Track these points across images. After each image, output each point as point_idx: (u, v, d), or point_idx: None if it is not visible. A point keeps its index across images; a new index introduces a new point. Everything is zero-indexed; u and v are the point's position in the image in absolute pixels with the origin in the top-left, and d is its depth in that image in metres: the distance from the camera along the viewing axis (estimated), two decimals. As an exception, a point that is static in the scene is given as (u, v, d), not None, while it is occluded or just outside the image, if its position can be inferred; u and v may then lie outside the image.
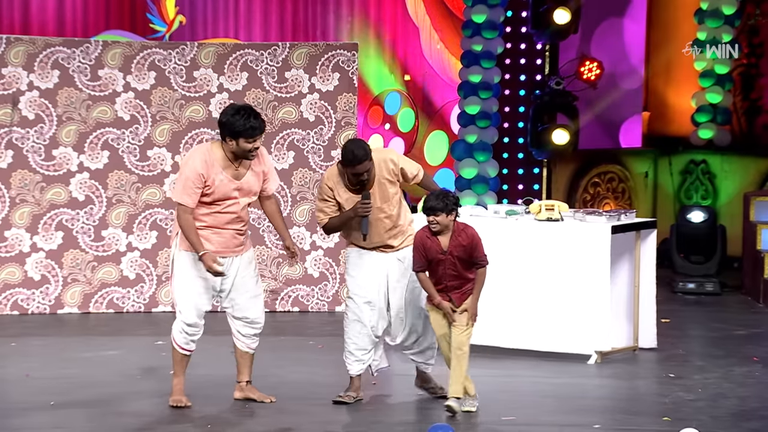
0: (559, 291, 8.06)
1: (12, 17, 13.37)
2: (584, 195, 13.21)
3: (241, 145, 6.50)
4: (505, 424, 6.44)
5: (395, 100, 13.74)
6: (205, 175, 6.50)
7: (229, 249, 6.65)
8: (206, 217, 6.58)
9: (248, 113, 6.50)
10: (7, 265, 9.73)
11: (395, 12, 13.90)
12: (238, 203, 6.61)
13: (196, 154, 6.57)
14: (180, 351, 6.69)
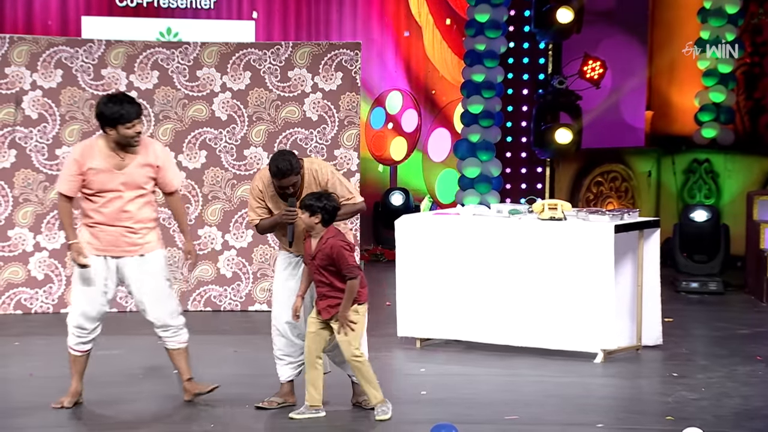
0: (562, 290, 8.05)
1: (15, 16, 13.38)
2: (587, 194, 13.20)
3: (121, 132, 6.47)
4: (509, 423, 6.44)
5: (397, 99, 13.74)
6: (81, 161, 6.46)
7: (118, 248, 6.55)
8: (94, 213, 6.54)
9: (121, 99, 6.50)
10: (11, 264, 9.73)
11: (398, 11, 13.90)
12: (122, 197, 6.51)
13: (78, 144, 6.68)
14: (72, 352, 6.64)
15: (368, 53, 13.17)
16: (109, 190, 6.49)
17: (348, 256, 6.31)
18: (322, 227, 6.34)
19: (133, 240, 6.56)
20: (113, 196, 6.50)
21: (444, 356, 8.29)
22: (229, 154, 10.01)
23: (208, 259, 10.02)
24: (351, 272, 6.32)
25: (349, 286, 6.33)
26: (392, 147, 13.73)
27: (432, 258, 8.41)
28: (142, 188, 6.57)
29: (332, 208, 6.33)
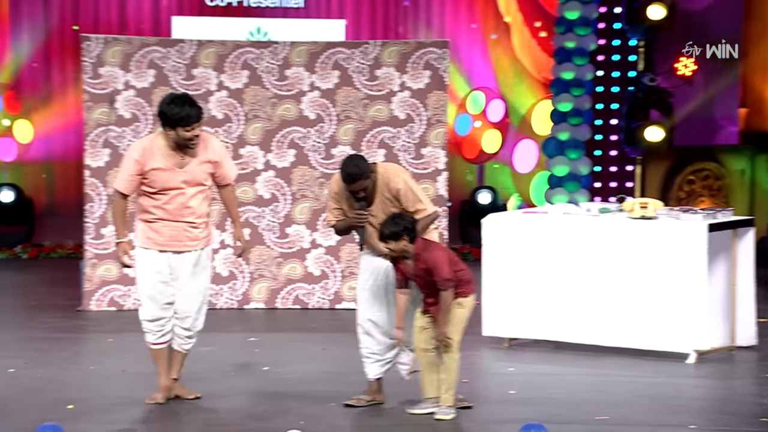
0: (654, 289, 7.95)
1: (109, 17, 13.62)
2: (679, 193, 13.00)
3: (180, 133, 6.49)
4: (599, 423, 6.37)
5: (480, 97, 13.65)
6: (142, 161, 6.50)
7: (181, 243, 6.61)
8: (156, 209, 6.58)
9: (183, 101, 6.50)
10: (104, 262, 9.90)
11: (486, 9, 13.84)
12: (185, 193, 6.56)
13: (138, 143, 6.69)
14: (153, 347, 6.69)
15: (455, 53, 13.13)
16: (172, 188, 6.55)
17: (441, 268, 6.30)
18: (412, 245, 6.33)
19: (195, 234, 6.65)
20: (176, 193, 6.56)
21: (532, 356, 8.23)
22: (317, 153, 10.06)
23: (296, 257, 10.08)
24: (443, 285, 6.32)
25: (443, 299, 6.33)
26: (484, 142, 13.63)
27: (520, 257, 8.36)
28: (202, 184, 6.64)
29: (410, 222, 6.33)
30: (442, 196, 10.01)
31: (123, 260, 6.57)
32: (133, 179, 6.55)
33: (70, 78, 13.57)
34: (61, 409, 6.49)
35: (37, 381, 7.26)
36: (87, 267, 9.89)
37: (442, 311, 6.33)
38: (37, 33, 13.62)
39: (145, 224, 6.63)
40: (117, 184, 6.63)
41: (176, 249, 6.62)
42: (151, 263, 6.61)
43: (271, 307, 10.05)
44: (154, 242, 6.61)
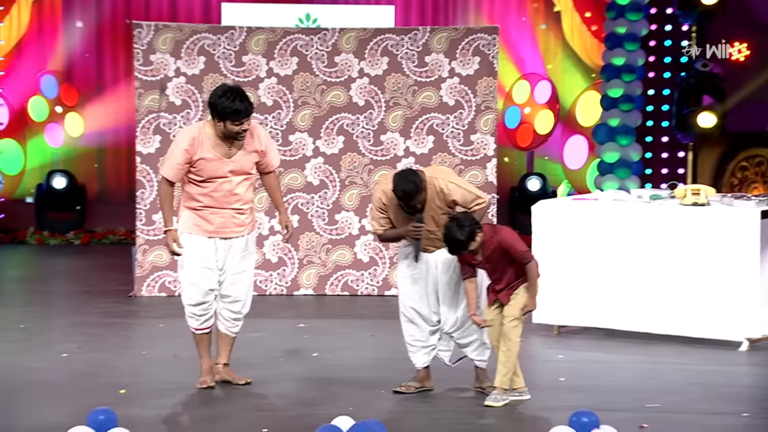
0: (706, 277, 7.88)
1: (160, 4, 13.70)
2: (731, 179, 12.86)
3: (228, 127, 6.51)
4: (650, 411, 6.33)
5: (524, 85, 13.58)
6: (191, 151, 6.52)
7: (228, 229, 6.65)
8: (203, 197, 6.60)
9: (235, 95, 6.48)
10: (155, 248, 9.97)
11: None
12: (231, 181, 6.59)
13: (186, 131, 6.66)
14: (196, 332, 6.74)
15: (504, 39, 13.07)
16: (219, 177, 6.58)
17: (516, 243, 6.34)
18: (481, 238, 6.35)
19: (241, 221, 6.69)
20: (222, 181, 6.59)
21: (582, 343, 8.20)
22: (366, 140, 10.06)
23: (345, 243, 10.10)
24: (524, 258, 6.35)
25: (529, 271, 6.37)
26: (537, 123, 13.55)
27: (569, 244, 8.32)
28: (248, 173, 6.68)
29: (471, 218, 6.34)
30: (491, 182, 9.98)
31: (172, 248, 6.61)
32: (182, 168, 6.58)
33: (122, 66, 13.68)
34: (113, 394, 6.55)
35: (89, 365, 7.33)
36: (138, 253, 9.97)
37: (530, 283, 6.37)
38: (89, 21, 13.73)
39: (191, 211, 6.67)
40: (164, 171, 6.67)
41: (223, 236, 6.65)
42: (197, 249, 6.64)
43: (320, 294, 10.08)
44: (202, 229, 6.64)
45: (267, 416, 6.24)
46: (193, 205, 6.65)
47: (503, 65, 13.04)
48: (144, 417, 6.12)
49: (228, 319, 6.81)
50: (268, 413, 6.31)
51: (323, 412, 6.19)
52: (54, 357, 7.59)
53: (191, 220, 6.67)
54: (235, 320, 6.83)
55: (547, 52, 13.71)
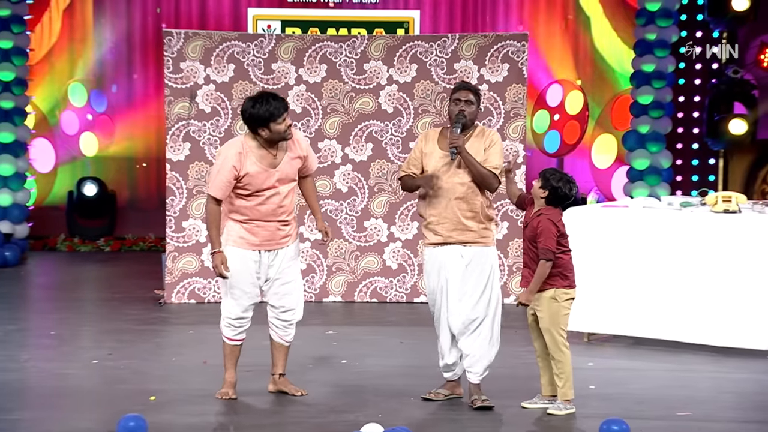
0: (737, 285, 7.82)
1: (190, 13, 13.77)
2: (763, 186, 12.79)
3: (274, 129, 6.46)
4: (681, 419, 6.29)
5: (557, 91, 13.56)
6: (238, 167, 6.45)
7: (274, 242, 6.60)
8: (249, 210, 6.53)
9: (265, 98, 6.47)
10: (185, 254, 10.01)
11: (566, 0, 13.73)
12: (279, 193, 6.53)
13: (230, 147, 6.53)
14: (229, 343, 6.68)
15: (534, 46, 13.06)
16: (267, 188, 6.53)
17: (549, 237, 6.28)
18: (544, 204, 6.35)
19: (286, 232, 6.65)
20: (271, 193, 6.53)
21: (612, 350, 8.16)
22: (395, 147, 10.07)
23: (374, 250, 10.10)
24: (545, 254, 6.29)
25: (540, 267, 6.30)
26: (565, 132, 13.53)
27: (599, 251, 8.28)
28: (293, 180, 6.64)
29: (563, 194, 6.34)
30: (520, 190, 9.94)
31: (220, 270, 6.51)
32: (230, 185, 6.50)
33: (152, 73, 13.76)
34: (144, 400, 6.57)
35: (119, 372, 7.36)
36: (168, 260, 10.01)
37: (535, 278, 6.30)
38: (120, 29, 13.82)
39: (237, 224, 6.58)
40: (212, 190, 6.53)
41: (268, 248, 6.61)
42: (242, 262, 6.57)
43: (349, 301, 10.09)
44: (247, 242, 6.58)
45: (296, 423, 6.25)
46: (239, 218, 6.58)
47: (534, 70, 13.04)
48: (174, 424, 6.14)
49: (280, 327, 6.78)
50: (297, 420, 6.31)
51: (352, 419, 6.19)
52: (84, 364, 7.63)
53: (236, 233, 6.59)
54: (287, 329, 6.79)
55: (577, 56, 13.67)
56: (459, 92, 6.56)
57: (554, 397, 6.45)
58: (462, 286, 6.48)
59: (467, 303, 6.47)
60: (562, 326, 6.38)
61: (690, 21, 12.84)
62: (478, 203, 6.48)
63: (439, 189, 6.48)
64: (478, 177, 6.44)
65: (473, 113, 6.52)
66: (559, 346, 6.35)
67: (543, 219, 6.33)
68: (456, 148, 6.42)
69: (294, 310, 6.76)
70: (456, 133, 6.45)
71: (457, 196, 6.45)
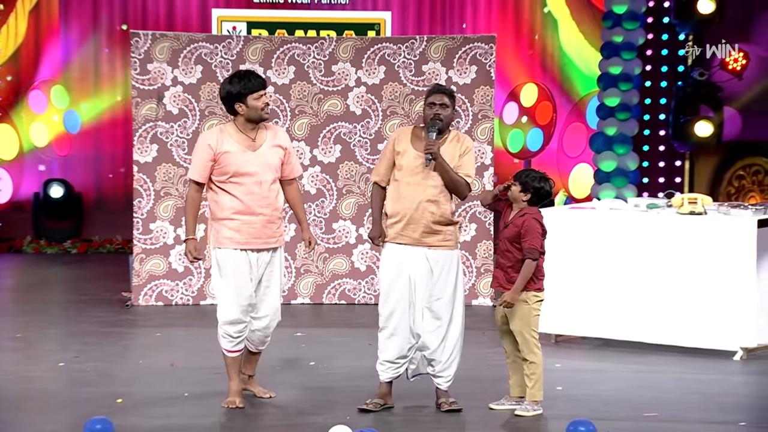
0: (703, 286, 7.88)
1: (157, 14, 13.72)
2: (728, 188, 12.88)
3: (251, 104, 6.43)
4: (648, 420, 6.33)
5: (532, 91, 13.62)
6: (214, 145, 6.42)
7: (261, 240, 6.50)
8: (231, 202, 6.45)
9: (243, 74, 6.48)
10: (153, 256, 9.97)
11: (533, 3, 13.78)
12: (260, 182, 6.46)
13: (208, 132, 6.60)
14: (229, 355, 6.58)
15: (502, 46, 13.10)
16: (246, 173, 6.45)
17: (535, 236, 6.30)
18: (526, 205, 6.38)
19: (273, 230, 6.57)
20: (252, 181, 6.46)
21: (579, 352, 8.20)
22: (363, 149, 10.07)
23: (342, 252, 10.10)
24: (531, 253, 6.30)
25: (526, 266, 6.31)
26: (528, 139, 13.60)
27: (567, 253, 8.31)
28: (276, 171, 6.55)
29: (545, 193, 6.37)
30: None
31: (194, 254, 6.47)
32: (207, 165, 6.44)
33: (119, 74, 13.69)
34: (110, 403, 6.54)
35: (86, 375, 7.32)
36: (135, 262, 9.96)
37: (520, 277, 6.30)
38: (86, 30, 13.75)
39: (220, 223, 6.50)
40: (191, 173, 6.52)
41: (256, 247, 6.51)
42: (233, 263, 6.48)
43: (318, 303, 10.08)
44: (234, 241, 6.48)
45: (264, 426, 6.24)
46: (223, 215, 6.48)
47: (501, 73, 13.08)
48: (141, 426, 6.12)
49: (257, 338, 6.66)
50: (265, 422, 6.30)
51: (320, 421, 6.19)
52: (50, 366, 7.58)
53: (221, 233, 6.50)
54: (265, 337, 6.69)
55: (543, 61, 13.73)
56: (434, 95, 6.50)
57: (522, 398, 6.47)
58: (429, 289, 6.49)
59: (435, 307, 6.47)
60: (534, 327, 6.41)
61: (656, 24, 12.91)
62: (448, 207, 6.49)
63: (410, 189, 6.45)
64: (451, 184, 6.44)
65: (449, 117, 6.50)
66: (531, 347, 6.38)
67: (528, 218, 6.35)
68: (432, 154, 6.41)
69: (270, 316, 6.67)
70: (432, 138, 6.42)
71: (429, 199, 6.45)
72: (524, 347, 6.38)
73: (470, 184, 6.49)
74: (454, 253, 6.52)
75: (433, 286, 6.46)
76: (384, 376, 6.54)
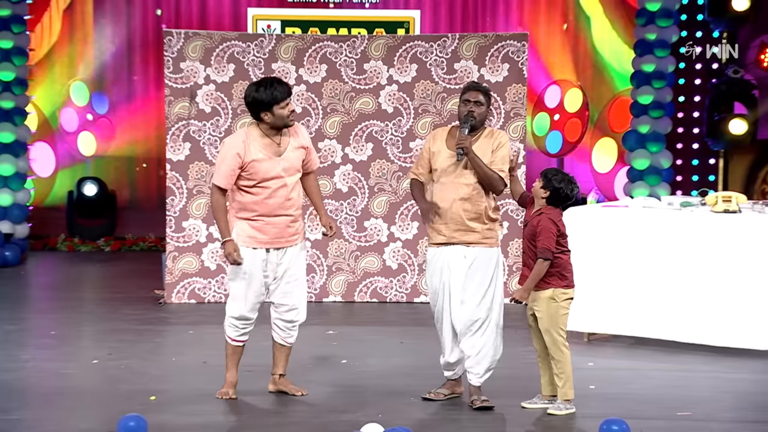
0: (736, 285, 7.82)
1: (190, 13, 13.77)
2: (763, 186, 12.80)
3: (276, 112, 6.45)
4: (681, 419, 6.30)
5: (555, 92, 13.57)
6: (242, 154, 6.42)
7: (283, 239, 6.56)
8: (256, 206, 6.49)
9: (269, 82, 6.49)
10: (185, 254, 10.01)
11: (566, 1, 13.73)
12: (286, 185, 6.49)
13: (234, 137, 6.56)
14: (232, 343, 6.65)
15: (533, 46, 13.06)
16: (272, 177, 6.48)
17: (549, 236, 6.28)
18: (545, 203, 6.37)
19: (295, 228, 6.62)
20: (278, 185, 6.49)
21: (612, 350, 8.16)
22: (395, 147, 10.07)
23: (374, 250, 10.10)
24: (543, 253, 6.29)
25: (537, 266, 6.30)
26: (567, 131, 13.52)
27: (599, 251, 8.28)
28: (298, 171, 6.60)
29: (564, 195, 6.35)
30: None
31: (235, 258, 6.48)
32: (234, 173, 6.47)
33: (152, 73, 13.76)
34: (144, 400, 6.58)
35: (120, 372, 7.36)
36: (168, 260, 10.01)
37: (531, 276, 6.30)
38: (120, 29, 13.82)
39: (245, 222, 6.54)
40: (216, 179, 6.51)
41: (278, 246, 6.57)
42: (251, 261, 6.54)
43: (349, 301, 10.09)
44: (257, 240, 6.53)
45: (296, 423, 6.25)
46: (247, 216, 6.53)
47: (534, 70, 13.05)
48: (174, 423, 6.14)
49: (283, 329, 6.75)
50: (297, 420, 6.32)
51: (352, 419, 6.20)
52: (85, 363, 7.63)
53: (244, 232, 6.55)
54: (290, 330, 6.76)
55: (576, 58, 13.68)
56: (468, 93, 6.52)
57: (554, 397, 6.45)
58: (465, 286, 6.48)
59: (470, 304, 6.47)
60: (561, 326, 6.38)
61: (690, 21, 12.84)
62: (483, 204, 6.48)
63: (445, 188, 6.47)
64: (485, 179, 6.44)
65: (483, 114, 6.51)
66: (558, 346, 6.36)
67: (543, 218, 6.34)
68: (463, 149, 6.41)
69: (298, 309, 6.73)
70: (464, 134, 6.44)
71: (462, 197, 6.45)
72: (552, 346, 6.37)
73: (504, 179, 6.48)
74: (494, 251, 6.52)
75: (469, 283, 6.46)
76: (446, 373, 6.66)
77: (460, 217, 6.45)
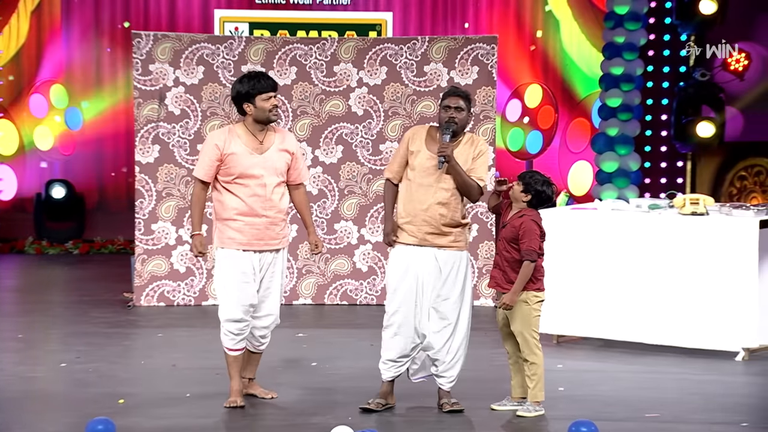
0: (704, 286, 7.88)
1: (159, 14, 13.72)
2: (730, 189, 12.88)
3: (259, 104, 6.46)
4: (649, 421, 6.33)
5: (536, 93, 13.63)
6: (221, 146, 6.45)
7: (263, 242, 6.53)
8: (236, 202, 6.49)
9: (255, 75, 6.52)
10: (154, 257, 9.97)
11: (536, 3, 13.78)
12: (265, 185, 6.49)
13: (217, 131, 6.62)
14: (229, 353, 6.60)
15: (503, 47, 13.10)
16: (251, 175, 6.48)
17: (533, 238, 6.30)
18: (526, 206, 6.38)
19: (276, 232, 6.59)
20: (257, 183, 6.49)
21: (581, 353, 8.20)
22: (365, 149, 10.08)
23: (344, 253, 10.10)
24: (529, 255, 6.30)
25: (524, 268, 6.31)
26: (528, 141, 13.62)
27: (568, 253, 8.32)
28: (281, 174, 6.58)
29: (546, 197, 6.38)
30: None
31: (199, 249, 6.52)
32: (213, 165, 6.49)
33: (121, 75, 13.70)
34: (112, 404, 6.55)
35: (88, 375, 7.33)
36: (137, 262, 9.97)
37: (519, 279, 6.30)
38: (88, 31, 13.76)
39: (224, 223, 6.53)
40: (196, 171, 6.56)
41: (258, 248, 6.54)
42: (235, 263, 6.51)
43: (319, 303, 10.08)
44: (236, 242, 6.51)
45: (266, 427, 6.24)
46: (227, 216, 6.52)
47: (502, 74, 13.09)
48: (143, 427, 6.12)
49: (256, 336, 6.69)
50: (266, 424, 6.31)
51: (322, 421, 6.19)
52: (52, 367, 7.59)
53: (224, 234, 6.54)
54: (262, 338, 6.72)
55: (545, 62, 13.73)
56: (449, 98, 6.48)
57: (524, 399, 6.47)
58: (436, 289, 6.48)
59: (442, 307, 6.47)
60: (534, 328, 6.41)
61: (658, 24, 12.91)
62: (459, 210, 6.50)
63: (423, 190, 6.44)
64: (463, 187, 6.44)
65: (464, 120, 6.49)
66: (531, 348, 6.38)
67: (526, 220, 6.35)
68: (445, 157, 6.41)
69: (273, 315, 6.69)
70: (445, 141, 6.42)
71: (440, 201, 6.44)
72: (525, 348, 6.39)
73: (482, 188, 6.49)
74: (464, 254, 6.52)
75: (441, 286, 6.46)
76: (386, 375, 6.55)
77: (435, 220, 6.45)
